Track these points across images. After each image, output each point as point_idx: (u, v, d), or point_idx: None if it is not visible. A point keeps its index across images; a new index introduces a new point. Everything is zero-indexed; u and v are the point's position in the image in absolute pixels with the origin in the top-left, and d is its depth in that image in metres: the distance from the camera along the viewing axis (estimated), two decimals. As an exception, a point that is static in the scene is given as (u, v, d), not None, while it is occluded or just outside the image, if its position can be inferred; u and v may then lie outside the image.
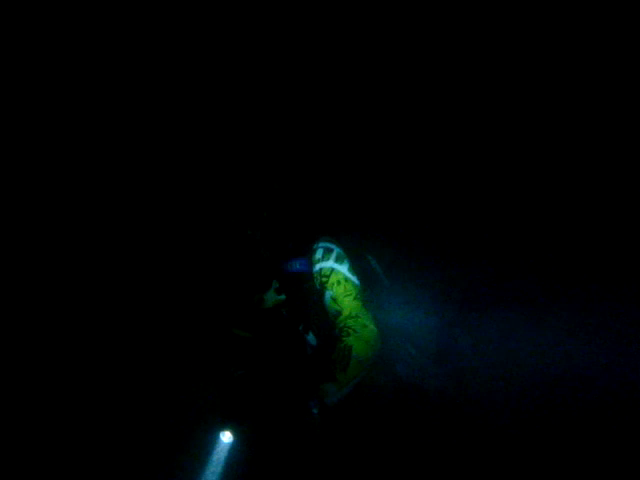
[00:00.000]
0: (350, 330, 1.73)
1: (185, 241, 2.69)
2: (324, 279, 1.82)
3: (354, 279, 1.83)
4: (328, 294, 1.81)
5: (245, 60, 2.94)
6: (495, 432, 2.01)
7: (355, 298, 1.79)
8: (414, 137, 2.98)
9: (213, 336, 2.24)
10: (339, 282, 1.80)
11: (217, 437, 1.89)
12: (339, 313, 1.78)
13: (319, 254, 1.86)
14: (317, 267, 1.85)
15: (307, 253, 1.89)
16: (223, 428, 1.86)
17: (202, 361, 2.41)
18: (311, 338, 1.90)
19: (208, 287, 2.18)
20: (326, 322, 1.85)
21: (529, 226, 2.75)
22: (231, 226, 2.00)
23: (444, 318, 2.19)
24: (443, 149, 2.95)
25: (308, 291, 1.86)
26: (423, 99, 2.96)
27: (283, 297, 1.95)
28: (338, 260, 1.83)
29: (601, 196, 2.68)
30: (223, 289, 2.08)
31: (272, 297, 1.97)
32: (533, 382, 2.18)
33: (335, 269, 1.81)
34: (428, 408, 1.93)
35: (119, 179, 2.89)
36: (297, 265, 1.88)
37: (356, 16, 2.87)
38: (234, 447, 1.90)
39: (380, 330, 1.78)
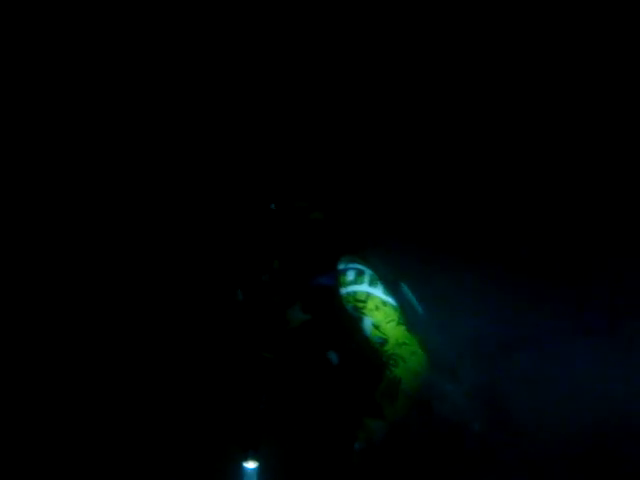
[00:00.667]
0: (399, 359, 1.61)
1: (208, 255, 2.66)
2: (360, 304, 1.68)
3: (392, 302, 1.70)
4: (368, 321, 1.67)
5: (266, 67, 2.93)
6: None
7: (398, 323, 1.66)
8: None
9: (238, 359, 2.13)
10: (377, 307, 1.67)
11: (241, 466, 1.82)
12: (384, 341, 1.65)
13: (351, 276, 1.72)
14: (350, 289, 1.71)
15: (332, 270, 1.78)
16: (246, 456, 1.79)
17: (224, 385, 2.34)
18: (333, 357, 1.78)
19: (233, 305, 2.08)
20: (359, 344, 1.72)
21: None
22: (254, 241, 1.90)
23: (486, 349, 1.98)
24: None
25: (334, 307, 1.74)
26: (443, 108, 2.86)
27: (309, 317, 1.83)
28: (372, 283, 1.70)
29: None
30: (249, 307, 1.96)
31: (298, 316, 1.84)
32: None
33: (371, 294, 1.68)
34: (464, 450, 1.73)
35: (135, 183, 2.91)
36: (323, 280, 1.78)
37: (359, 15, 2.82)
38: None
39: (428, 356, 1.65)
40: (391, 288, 1.75)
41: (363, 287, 1.68)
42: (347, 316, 1.71)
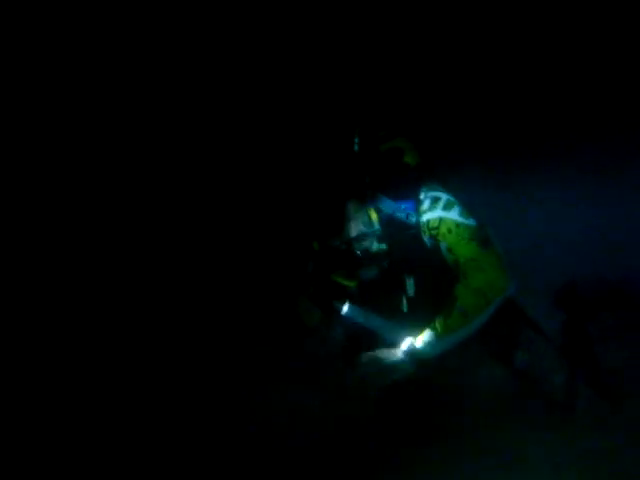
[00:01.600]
0: (462, 276, 1.53)
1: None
2: (434, 231, 1.62)
3: (468, 222, 1.59)
4: (443, 246, 1.60)
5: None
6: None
7: (470, 240, 1.56)
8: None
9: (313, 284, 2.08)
10: (450, 230, 1.58)
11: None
12: (457, 262, 1.57)
13: (426, 204, 1.65)
14: (424, 218, 1.64)
15: (414, 197, 1.69)
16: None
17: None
18: (410, 286, 1.70)
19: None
20: (434, 269, 1.65)
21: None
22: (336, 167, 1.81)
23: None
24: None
25: (411, 237, 1.67)
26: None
27: (385, 247, 1.75)
28: (447, 207, 1.62)
29: None
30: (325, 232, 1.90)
31: (374, 245, 1.76)
32: None
33: (443, 218, 1.60)
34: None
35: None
36: (401, 207, 1.69)
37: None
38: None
39: (508, 271, 1.54)
40: (470, 209, 1.64)
41: (436, 213, 1.62)
42: (420, 244, 1.64)
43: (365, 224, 1.70)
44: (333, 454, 1.69)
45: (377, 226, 1.70)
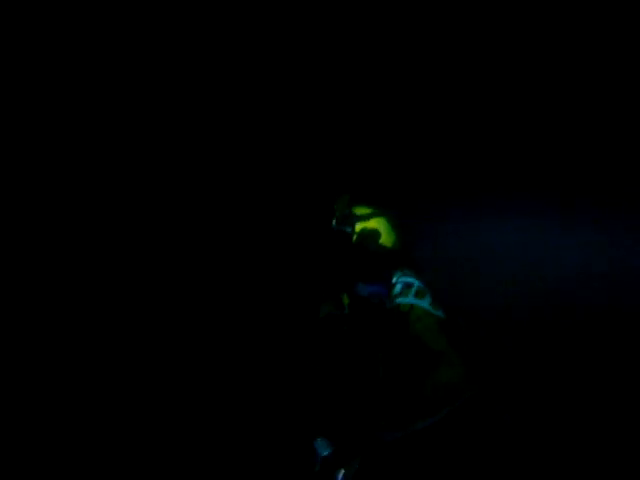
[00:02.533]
0: (430, 368, 1.53)
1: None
2: (404, 317, 1.63)
3: (437, 313, 1.62)
4: (412, 333, 1.61)
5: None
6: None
7: (438, 333, 1.57)
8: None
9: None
10: (419, 318, 1.60)
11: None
12: (425, 351, 1.57)
13: (398, 289, 1.67)
14: (396, 302, 1.66)
15: (385, 281, 1.71)
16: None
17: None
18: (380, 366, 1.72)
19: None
20: (399, 357, 1.66)
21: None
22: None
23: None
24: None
25: (378, 319, 1.69)
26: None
27: (335, 311, 1.81)
28: (418, 295, 1.64)
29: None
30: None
31: (326, 308, 1.83)
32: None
33: (415, 305, 1.62)
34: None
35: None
36: (367, 290, 1.71)
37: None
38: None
39: (470, 370, 1.53)
40: (440, 301, 1.66)
41: (408, 299, 1.63)
42: (391, 329, 1.65)
43: (336, 307, 1.74)
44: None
45: (346, 310, 1.74)
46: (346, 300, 1.78)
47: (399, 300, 1.64)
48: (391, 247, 1.75)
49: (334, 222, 1.79)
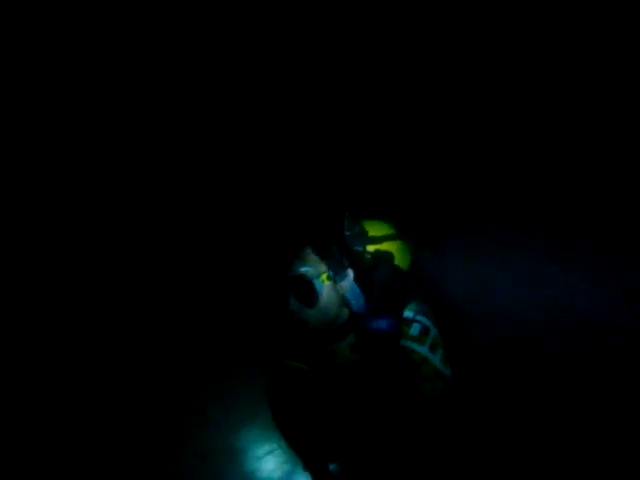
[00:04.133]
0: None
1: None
2: (415, 367, 1.48)
3: (446, 372, 1.47)
4: (418, 387, 1.48)
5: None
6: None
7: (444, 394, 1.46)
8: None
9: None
10: (429, 378, 1.45)
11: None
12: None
13: (415, 330, 1.49)
14: (410, 345, 1.49)
15: (397, 313, 1.51)
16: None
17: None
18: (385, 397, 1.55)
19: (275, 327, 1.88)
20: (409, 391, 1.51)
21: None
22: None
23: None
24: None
25: (391, 357, 1.50)
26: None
27: (357, 357, 1.58)
28: (433, 348, 1.48)
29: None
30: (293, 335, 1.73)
31: (346, 355, 1.61)
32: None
33: (429, 359, 1.46)
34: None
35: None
36: (383, 325, 1.50)
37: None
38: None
39: None
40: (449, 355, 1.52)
41: (423, 349, 1.48)
42: (401, 365, 1.49)
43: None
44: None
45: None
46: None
47: (414, 347, 1.48)
48: (405, 272, 1.59)
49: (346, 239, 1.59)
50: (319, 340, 1.56)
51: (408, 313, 1.52)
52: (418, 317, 1.51)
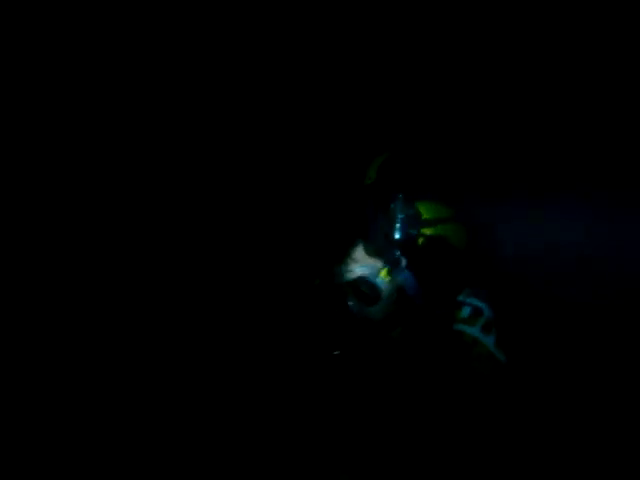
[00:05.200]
0: None
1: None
2: (466, 348, 1.46)
3: (499, 356, 1.44)
4: (468, 367, 1.46)
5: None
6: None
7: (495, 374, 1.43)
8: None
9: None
10: (480, 359, 1.43)
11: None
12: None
13: (465, 313, 1.48)
14: (460, 328, 1.48)
15: (449, 298, 1.52)
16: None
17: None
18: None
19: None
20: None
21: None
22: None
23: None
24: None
25: (441, 342, 1.50)
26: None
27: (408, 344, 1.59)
28: (486, 330, 1.45)
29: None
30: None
31: (397, 341, 1.61)
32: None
33: (480, 340, 1.44)
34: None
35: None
36: (434, 310, 1.51)
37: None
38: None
39: None
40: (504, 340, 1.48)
41: (474, 331, 1.45)
42: (450, 349, 1.48)
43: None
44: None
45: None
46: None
47: (464, 328, 1.46)
48: (463, 257, 1.57)
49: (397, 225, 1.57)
50: (374, 332, 1.57)
51: (460, 297, 1.51)
52: (469, 300, 1.49)
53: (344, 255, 1.51)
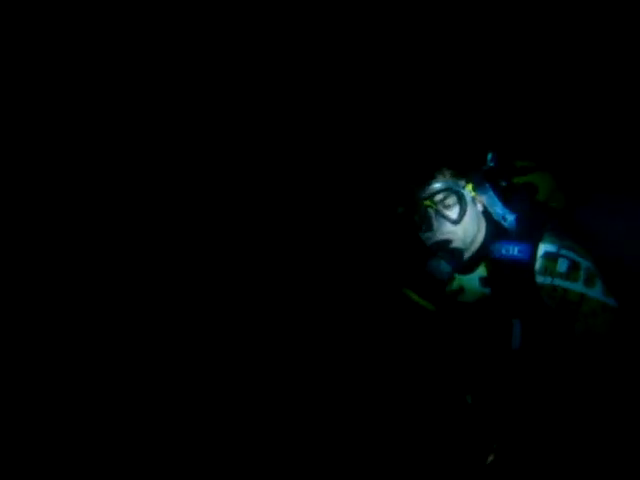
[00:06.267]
0: None
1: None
2: (572, 306, 1.32)
3: (611, 303, 1.31)
4: (580, 327, 1.31)
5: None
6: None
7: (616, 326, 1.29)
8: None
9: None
10: (595, 314, 1.29)
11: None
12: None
13: (563, 267, 1.34)
14: (559, 283, 1.34)
15: (532, 240, 1.40)
16: None
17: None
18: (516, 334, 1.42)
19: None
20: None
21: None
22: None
23: None
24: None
25: (525, 289, 1.38)
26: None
27: (488, 291, 1.48)
28: (588, 282, 1.32)
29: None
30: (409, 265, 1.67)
31: (475, 289, 1.51)
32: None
33: (586, 295, 1.31)
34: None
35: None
36: (515, 251, 1.39)
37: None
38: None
39: None
40: (611, 285, 1.35)
41: (577, 286, 1.32)
42: (534, 297, 1.36)
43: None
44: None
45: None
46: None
47: (565, 284, 1.32)
48: (552, 206, 1.52)
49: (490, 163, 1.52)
50: (453, 268, 1.44)
51: (551, 247, 1.37)
52: (563, 251, 1.36)
53: (428, 177, 1.45)
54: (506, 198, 1.44)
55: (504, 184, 1.48)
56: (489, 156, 1.53)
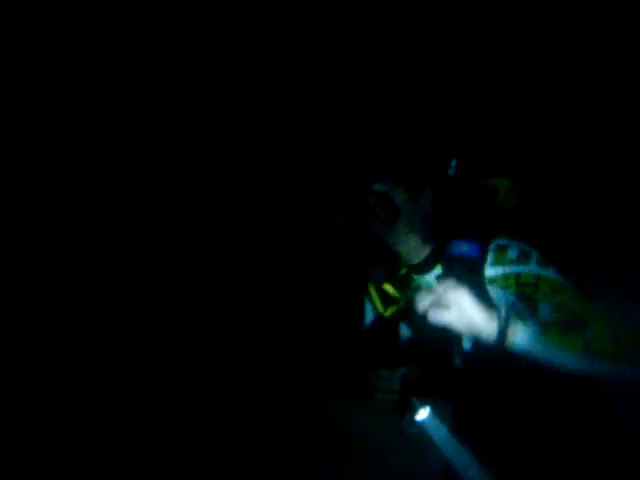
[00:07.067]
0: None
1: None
2: (529, 289, 1.33)
3: (567, 283, 1.32)
4: (545, 307, 1.31)
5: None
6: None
7: (582, 300, 1.28)
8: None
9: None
10: (555, 290, 1.30)
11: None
12: (578, 320, 1.24)
13: (513, 254, 1.37)
14: (511, 270, 1.36)
15: (483, 238, 1.45)
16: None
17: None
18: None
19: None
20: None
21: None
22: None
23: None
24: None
25: (477, 284, 1.38)
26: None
27: None
28: (541, 264, 1.35)
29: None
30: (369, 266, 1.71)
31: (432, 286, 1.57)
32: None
33: (542, 275, 1.32)
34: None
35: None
36: (465, 248, 1.44)
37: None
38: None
39: None
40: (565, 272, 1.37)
41: (530, 267, 1.34)
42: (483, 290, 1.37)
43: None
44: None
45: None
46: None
47: (518, 269, 1.34)
48: (511, 208, 1.58)
49: (450, 170, 1.57)
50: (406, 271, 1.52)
51: (500, 241, 1.42)
52: (513, 242, 1.41)
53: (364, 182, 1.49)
54: (450, 202, 1.51)
55: (465, 189, 1.53)
56: (453, 162, 1.58)
